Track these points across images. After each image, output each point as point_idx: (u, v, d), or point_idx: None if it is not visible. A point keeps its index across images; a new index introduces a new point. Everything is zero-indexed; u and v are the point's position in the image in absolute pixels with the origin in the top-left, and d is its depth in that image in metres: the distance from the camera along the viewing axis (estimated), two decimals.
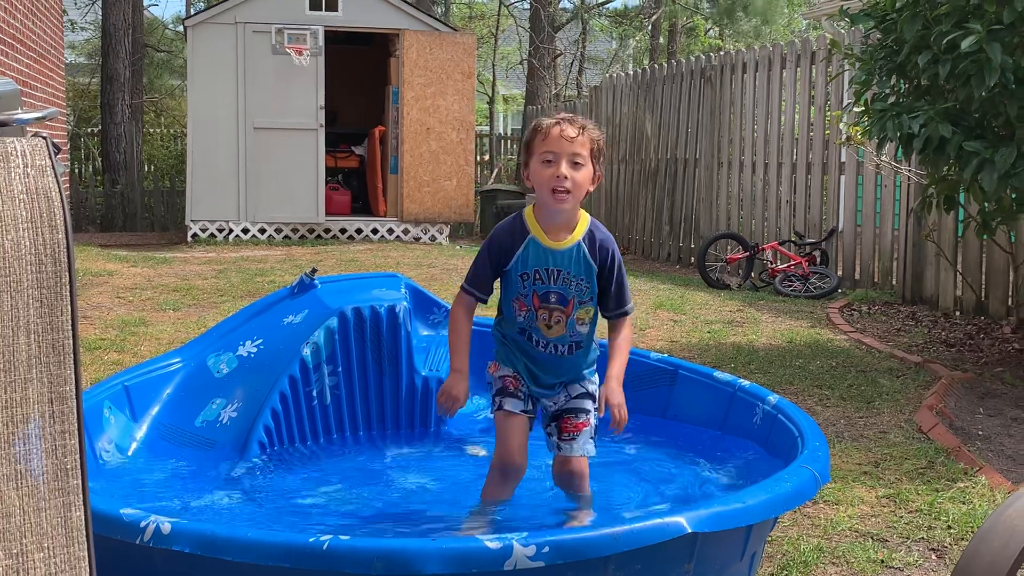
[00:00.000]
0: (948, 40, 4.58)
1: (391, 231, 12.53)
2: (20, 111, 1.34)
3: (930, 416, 4.36)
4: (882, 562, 2.93)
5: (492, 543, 1.96)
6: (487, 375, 2.99)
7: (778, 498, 2.30)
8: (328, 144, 12.76)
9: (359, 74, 14.25)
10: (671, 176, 11.42)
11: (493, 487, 2.89)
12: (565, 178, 2.72)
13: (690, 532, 2.08)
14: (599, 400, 2.83)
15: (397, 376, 3.76)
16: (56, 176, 1.28)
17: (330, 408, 3.66)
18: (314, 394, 3.61)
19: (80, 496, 1.29)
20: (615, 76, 13.20)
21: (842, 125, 7.83)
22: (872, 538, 3.10)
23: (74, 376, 1.29)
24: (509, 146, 19.87)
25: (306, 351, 3.57)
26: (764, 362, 5.53)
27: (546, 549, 1.96)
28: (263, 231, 12.27)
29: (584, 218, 2.86)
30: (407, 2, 12.66)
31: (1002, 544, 1.69)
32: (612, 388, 2.80)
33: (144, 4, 20.89)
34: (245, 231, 12.22)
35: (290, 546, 2.01)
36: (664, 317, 6.95)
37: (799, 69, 9.45)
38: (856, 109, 5.88)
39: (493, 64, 22.89)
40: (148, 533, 2.10)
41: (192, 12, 21.84)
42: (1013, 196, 5.13)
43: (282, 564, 2.00)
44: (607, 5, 25.31)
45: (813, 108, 9.36)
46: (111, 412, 3.31)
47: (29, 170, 1.26)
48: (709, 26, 26.07)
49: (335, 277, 3.99)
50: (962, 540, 3.09)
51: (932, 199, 5.62)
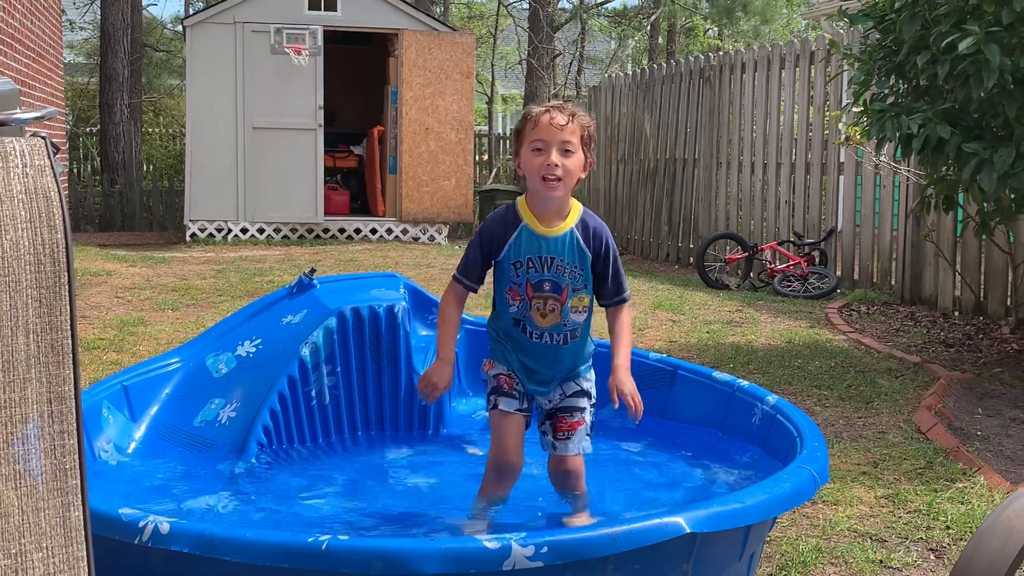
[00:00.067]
0: (947, 41, 4.58)
1: (390, 231, 12.53)
2: (19, 111, 1.34)
3: (929, 416, 4.36)
4: (881, 562, 2.93)
5: (491, 543, 1.96)
6: (482, 373, 2.99)
7: (777, 498, 2.30)
8: (327, 144, 12.76)
9: (358, 74, 14.24)
10: (670, 176, 11.43)
11: (489, 486, 2.89)
12: (556, 166, 2.72)
13: (689, 532, 2.08)
14: (611, 392, 2.80)
15: (396, 376, 3.76)
16: (55, 176, 1.28)
17: (329, 408, 3.66)
18: (313, 394, 3.61)
19: (79, 496, 1.29)
20: (614, 76, 13.20)
21: (841, 125, 7.84)
22: (871, 538, 3.10)
23: (73, 376, 1.29)
24: (508, 146, 19.84)
25: (305, 351, 3.57)
26: (763, 362, 5.53)
27: (545, 549, 1.96)
28: (262, 231, 12.26)
29: (576, 206, 2.86)
30: (406, 2, 12.66)
31: (1000, 544, 1.69)
32: (621, 378, 2.78)
33: (143, 4, 20.89)
34: (244, 231, 12.21)
35: (289, 546, 2.01)
36: (663, 317, 6.96)
37: (798, 69, 9.45)
38: (855, 109, 5.89)
39: (492, 64, 22.89)
40: (147, 533, 2.10)
41: (191, 12, 21.84)
42: (1012, 196, 5.13)
43: (281, 564, 2.00)
44: (606, 5, 25.31)
45: (812, 108, 9.36)
46: (110, 412, 3.31)
47: (28, 170, 1.26)
48: (708, 26, 26.07)
49: (334, 277, 3.99)
50: (961, 540, 3.09)
51: (931, 199, 5.62)
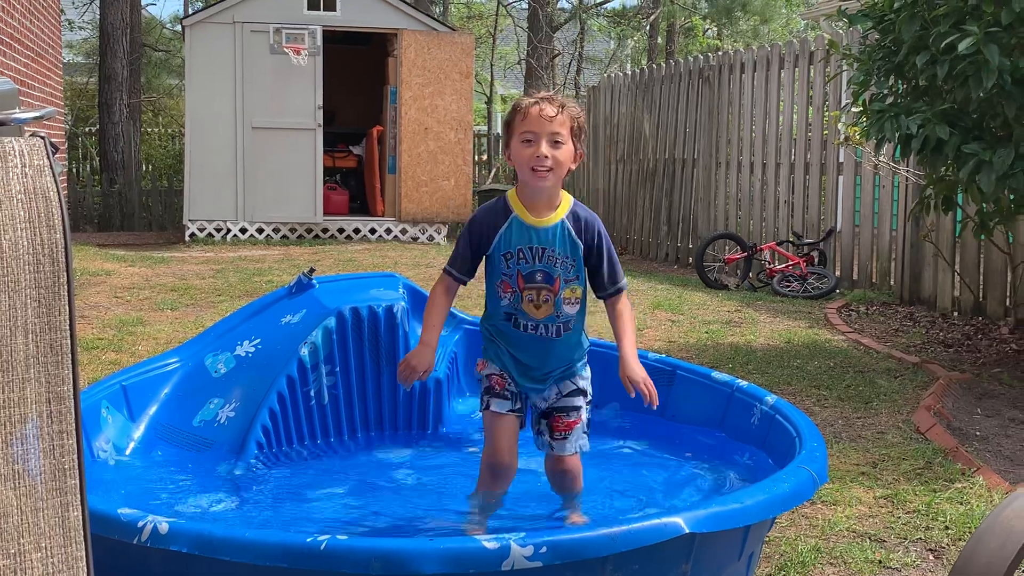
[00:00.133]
0: (946, 41, 4.58)
1: (389, 231, 12.53)
2: (18, 110, 1.34)
3: (928, 416, 4.37)
4: (880, 562, 2.93)
5: (490, 543, 1.96)
6: (476, 373, 2.99)
7: (776, 498, 2.30)
8: (326, 144, 12.75)
9: (357, 74, 14.24)
10: (669, 176, 11.43)
11: (484, 487, 2.88)
12: (546, 157, 2.72)
13: (688, 532, 2.08)
14: (624, 383, 2.79)
15: (395, 376, 3.75)
16: (54, 176, 1.28)
17: (328, 408, 3.66)
18: (312, 394, 3.61)
19: (78, 496, 1.29)
20: (613, 76, 13.20)
21: (840, 125, 7.84)
22: (870, 538, 3.10)
23: (72, 376, 1.29)
24: None
25: (304, 351, 3.57)
26: (762, 362, 5.53)
27: (544, 549, 1.96)
28: (261, 231, 12.26)
29: (567, 197, 2.86)
30: (405, 2, 12.65)
31: (999, 545, 1.69)
32: (632, 367, 2.78)
33: (142, 3, 20.88)
34: (243, 231, 12.21)
35: (288, 546, 2.01)
36: (662, 317, 6.96)
37: (797, 69, 9.45)
38: (854, 109, 5.89)
39: (491, 64, 22.88)
40: (146, 533, 2.10)
41: (190, 11, 21.83)
42: (1011, 197, 5.13)
43: (280, 564, 2.00)
44: (605, 5, 25.31)
45: (811, 108, 9.36)
46: (109, 412, 3.31)
47: (27, 170, 1.26)
48: (707, 26, 26.08)
49: (333, 277, 3.99)
50: (960, 540, 3.09)
51: (930, 200, 5.62)
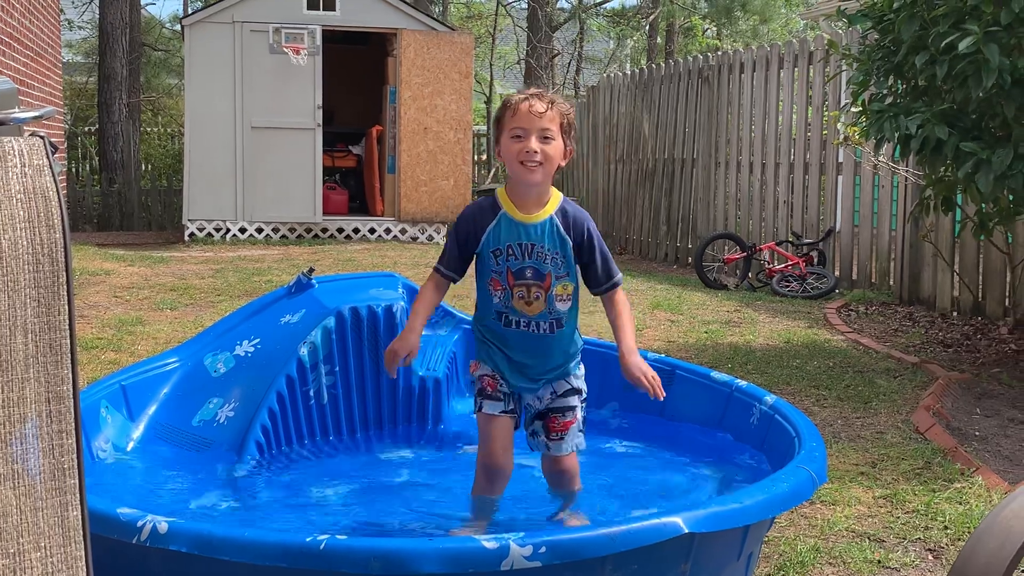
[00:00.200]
0: (946, 41, 4.58)
1: (388, 231, 12.53)
2: (17, 110, 1.34)
3: (927, 416, 4.37)
4: (879, 562, 2.93)
5: (489, 543, 1.96)
6: (468, 375, 2.99)
7: (775, 498, 2.30)
8: (325, 143, 12.75)
9: (357, 73, 14.24)
10: (668, 176, 11.43)
11: (480, 489, 2.88)
12: (535, 152, 2.72)
13: (687, 532, 2.08)
14: (628, 377, 2.79)
15: (395, 376, 3.75)
16: (54, 175, 1.28)
17: (327, 408, 3.66)
18: (311, 394, 3.61)
19: (77, 495, 1.29)
20: (613, 76, 13.20)
21: (840, 125, 7.84)
22: (869, 538, 3.10)
23: (71, 375, 1.29)
24: None
25: (303, 351, 3.57)
26: (761, 362, 5.53)
27: (543, 549, 1.96)
28: (260, 230, 12.26)
29: (556, 194, 2.86)
30: (405, 1, 12.65)
31: (998, 545, 1.69)
32: (632, 362, 2.77)
33: (141, 3, 20.87)
34: (242, 230, 12.21)
35: (287, 546, 2.01)
36: (661, 317, 6.96)
37: (797, 69, 9.45)
38: (854, 109, 5.89)
39: (491, 64, 22.87)
40: (145, 533, 2.10)
41: (189, 11, 21.83)
42: (1010, 197, 5.13)
43: (279, 564, 2.00)
44: (605, 5, 25.31)
45: (811, 108, 9.36)
46: (108, 411, 3.31)
47: (27, 169, 1.26)
48: (707, 26, 26.08)
49: (332, 277, 3.99)
50: (959, 540, 3.09)
51: (929, 200, 5.63)
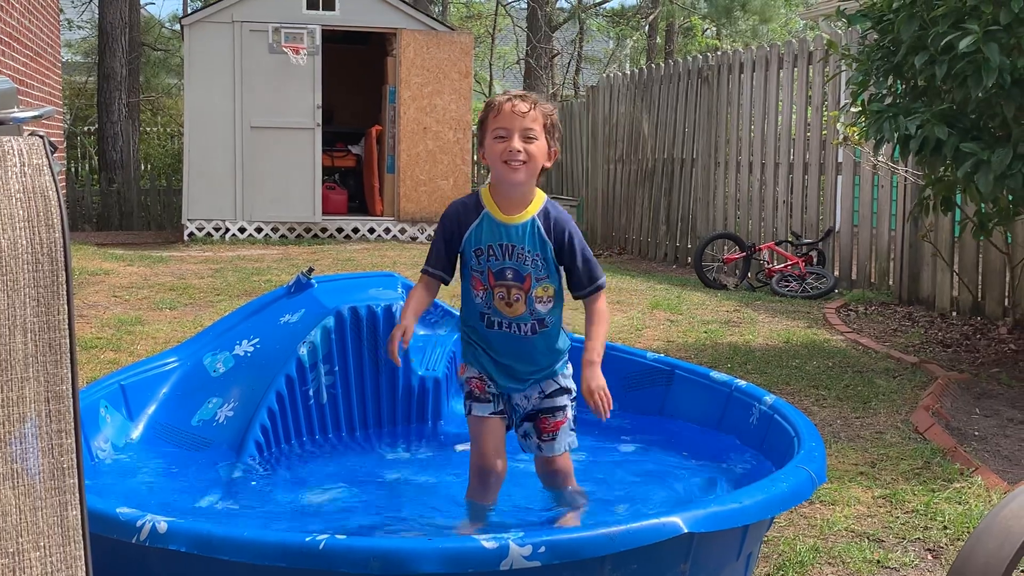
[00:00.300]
0: (945, 41, 4.58)
1: (388, 230, 12.53)
2: (17, 109, 1.34)
3: (926, 416, 4.37)
4: (878, 562, 2.93)
5: (488, 543, 1.96)
6: (458, 378, 2.98)
7: (774, 498, 2.30)
8: (325, 143, 12.76)
9: (356, 73, 14.24)
10: (668, 176, 11.43)
11: (475, 491, 2.87)
12: (518, 151, 2.72)
13: (686, 532, 2.08)
14: (583, 386, 2.75)
15: (394, 375, 3.76)
16: (53, 175, 1.28)
17: (327, 407, 3.66)
18: (311, 393, 3.61)
19: (76, 495, 1.29)
20: (612, 76, 13.20)
21: (839, 125, 7.84)
22: (868, 538, 3.11)
23: (71, 375, 1.29)
24: None
25: (303, 350, 3.57)
26: (761, 362, 5.53)
27: (542, 549, 1.96)
28: (260, 230, 12.26)
29: (540, 196, 2.85)
30: (404, 1, 12.65)
31: (997, 545, 1.69)
32: (588, 374, 2.74)
33: (141, 2, 20.87)
34: (242, 230, 12.21)
35: (286, 546, 2.01)
36: (661, 317, 6.96)
37: (796, 69, 9.46)
38: (853, 109, 5.89)
39: (490, 63, 22.89)
40: (144, 532, 2.10)
41: (189, 11, 21.82)
42: (1009, 197, 5.13)
43: (278, 564, 2.00)
44: (604, 5, 25.32)
45: (810, 108, 9.37)
46: (107, 411, 3.31)
47: (26, 169, 1.26)
48: (706, 26, 26.09)
49: (332, 276, 3.99)
50: (958, 540, 3.09)
51: (929, 200, 5.63)
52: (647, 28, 24.70)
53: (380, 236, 12.47)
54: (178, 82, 22.62)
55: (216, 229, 12.17)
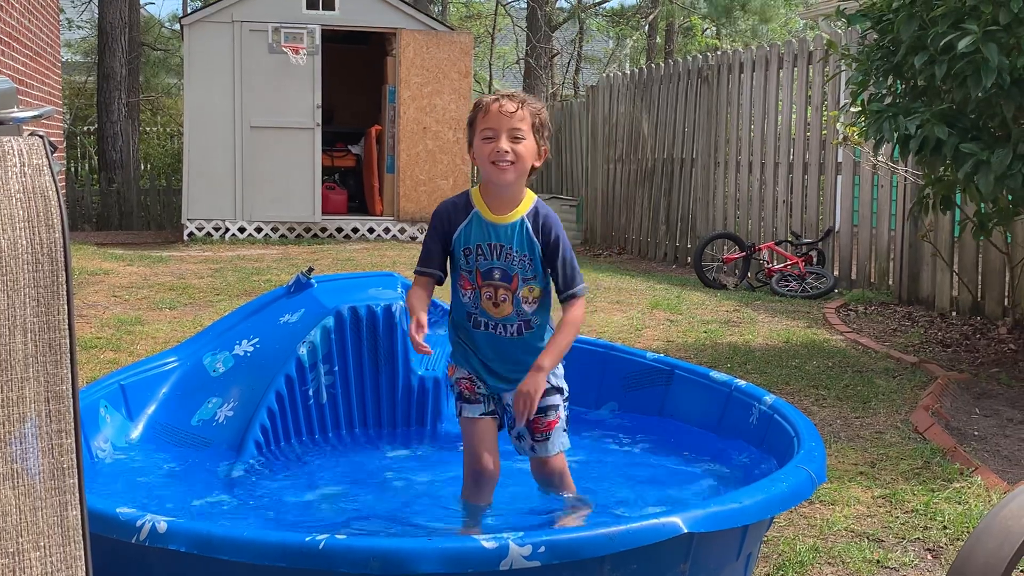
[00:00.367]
0: (945, 41, 4.58)
1: (387, 230, 12.53)
2: (16, 109, 1.34)
3: (926, 416, 4.37)
4: (878, 562, 2.93)
5: (488, 543, 1.96)
6: (448, 379, 2.97)
7: (774, 498, 2.30)
8: (325, 143, 12.76)
9: (356, 73, 14.25)
10: (668, 176, 11.43)
11: (469, 493, 2.87)
12: (506, 152, 2.71)
13: (686, 532, 2.08)
14: (518, 388, 2.74)
15: (394, 375, 3.76)
16: (53, 175, 1.28)
17: (326, 407, 3.66)
18: (310, 393, 3.61)
19: (76, 495, 1.29)
20: (612, 76, 13.20)
21: (839, 125, 7.84)
22: (868, 538, 3.11)
23: (71, 375, 1.29)
24: None
25: (302, 350, 3.57)
26: (760, 362, 5.53)
27: (542, 549, 1.96)
28: (259, 230, 12.26)
29: (530, 196, 2.85)
30: (404, 1, 12.66)
31: (997, 545, 1.69)
32: (529, 377, 2.73)
33: (141, 2, 20.87)
34: (241, 230, 12.21)
35: (286, 546, 2.01)
36: (660, 317, 6.96)
37: (796, 69, 9.45)
38: (853, 109, 5.89)
39: (490, 63, 22.89)
40: (144, 532, 2.10)
41: (189, 10, 21.82)
42: (1009, 197, 5.13)
43: (278, 564, 2.00)
44: (604, 5, 25.32)
45: (810, 108, 9.36)
46: (107, 411, 3.31)
47: (26, 169, 1.26)
48: (706, 26, 26.09)
49: (331, 276, 3.99)
50: (958, 540, 3.09)
51: (928, 200, 5.63)
52: (647, 28, 24.71)
53: (380, 236, 12.47)
54: (178, 82, 22.62)
55: (216, 229, 12.17)
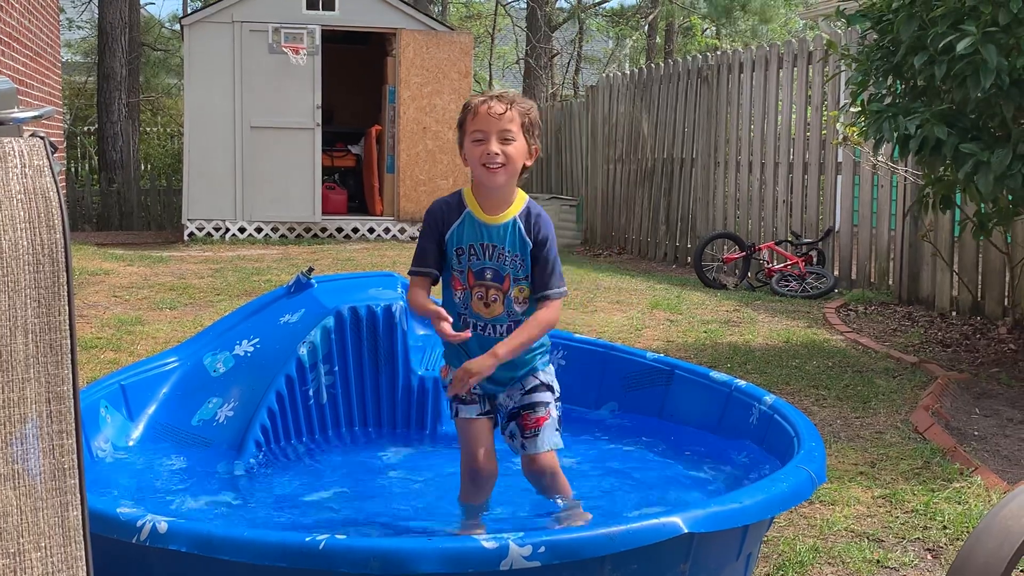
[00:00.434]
0: (944, 41, 4.58)
1: (387, 230, 12.53)
2: (17, 110, 1.34)
3: (926, 416, 4.37)
4: (878, 562, 2.93)
5: (488, 543, 1.96)
6: (441, 380, 2.96)
7: (774, 498, 2.30)
8: (325, 143, 12.76)
9: (356, 73, 14.25)
10: (668, 176, 11.43)
11: (467, 493, 2.86)
12: (496, 154, 2.71)
13: (686, 532, 2.08)
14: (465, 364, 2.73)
15: (393, 375, 3.76)
16: (54, 176, 1.28)
17: (327, 407, 3.66)
18: (311, 393, 3.61)
19: (77, 495, 1.29)
20: (612, 76, 13.20)
21: (839, 125, 7.84)
22: (868, 538, 3.11)
23: (71, 375, 1.29)
24: None
25: (303, 350, 3.57)
26: (760, 362, 5.53)
27: (542, 549, 1.96)
28: (259, 230, 12.26)
29: (521, 196, 2.85)
30: (404, 1, 12.66)
31: (997, 545, 1.69)
32: (483, 357, 2.71)
33: (141, 2, 20.87)
34: (242, 230, 12.21)
35: (286, 546, 2.01)
36: (660, 317, 6.96)
37: (796, 69, 9.45)
38: (853, 109, 5.89)
39: (490, 63, 22.88)
40: (145, 532, 2.10)
41: (189, 11, 21.82)
42: (1009, 197, 5.13)
43: (278, 564, 2.00)
44: (604, 5, 25.32)
45: (810, 108, 9.36)
46: (108, 411, 3.31)
47: (27, 170, 1.26)
48: (706, 26, 26.09)
49: (331, 276, 3.99)
50: (957, 540, 3.09)
51: (928, 200, 5.63)
52: (647, 28, 24.71)
53: (380, 236, 12.47)
54: (178, 82, 22.63)
55: (216, 229, 12.17)
